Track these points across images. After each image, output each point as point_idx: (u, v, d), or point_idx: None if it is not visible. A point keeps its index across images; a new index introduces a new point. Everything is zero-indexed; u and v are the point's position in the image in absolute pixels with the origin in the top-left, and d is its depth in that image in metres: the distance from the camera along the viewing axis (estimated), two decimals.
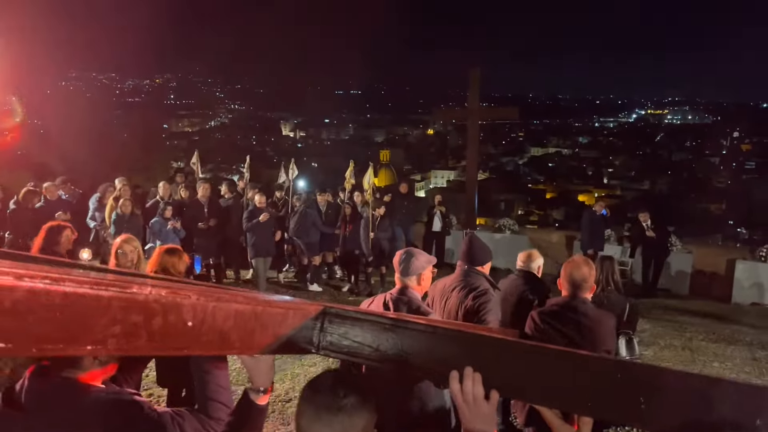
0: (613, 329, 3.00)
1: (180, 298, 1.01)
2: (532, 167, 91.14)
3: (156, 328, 0.97)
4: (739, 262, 9.02)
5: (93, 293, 0.87)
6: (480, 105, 10.51)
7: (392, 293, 2.89)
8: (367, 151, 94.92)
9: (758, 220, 59.90)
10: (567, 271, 2.94)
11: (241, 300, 1.13)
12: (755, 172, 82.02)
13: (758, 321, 8.01)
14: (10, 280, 0.79)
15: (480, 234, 11.10)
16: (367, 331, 1.26)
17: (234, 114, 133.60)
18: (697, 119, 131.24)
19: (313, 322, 1.25)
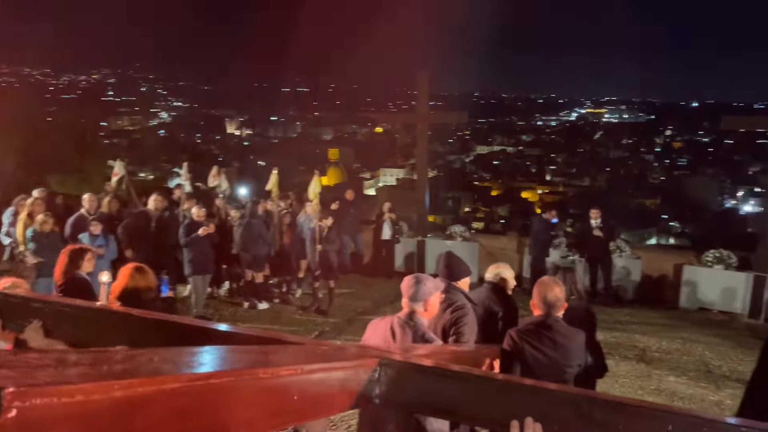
0: (583, 344, 3.22)
1: (287, 372, 1.05)
2: (478, 165, 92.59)
3: (273, 409, 1.01)
4: (686, 267, 9.09)
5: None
6: (429, 109, 10.22)
7: (400, 317, 2.95)
8: (315, 149, 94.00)
9: (690, 214, 63.04)
10: (540, 292, 3.14)
11: (319, 361, 1.18)
12: (687, 168, 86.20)
13: (706, 328, 8.07)
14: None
15: (431, 241, 10.89)
16: (424, 381, 1.27)
17: (177, 111, 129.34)
18: (632, 118, 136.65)
19: (373, 374, 1.25)
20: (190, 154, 57.98)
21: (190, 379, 0.84)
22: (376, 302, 9.06)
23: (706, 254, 8.96)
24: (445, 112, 12.31)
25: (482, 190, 76.75)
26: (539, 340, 3.03)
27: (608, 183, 78.14)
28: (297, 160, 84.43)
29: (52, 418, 0.67)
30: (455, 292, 3.54)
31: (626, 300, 9.44)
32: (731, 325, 8.22)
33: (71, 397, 0.68)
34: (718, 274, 8.79)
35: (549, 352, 3.01)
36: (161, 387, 0.79)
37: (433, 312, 3.05)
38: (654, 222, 59.24)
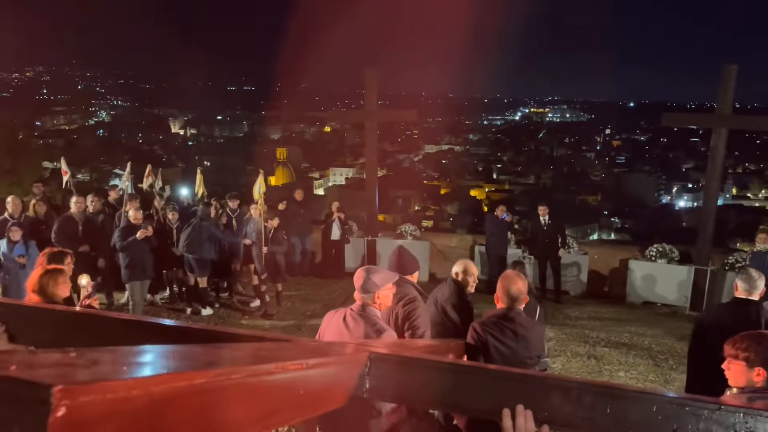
0: (542, 336, 3.37)
1: (294, 367, 1.06)
2: (426, 164, 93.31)
3: (284, 404, 1.03)
4: (631, 261, 9.28)
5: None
6: (377, 107, 10.03)
7: (352, 309, 2.98)
8: (263, 148, 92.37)
9: (630, 210, 65.64)
10: (504, 285, 3.21)
11: (318, 355, 1.21)
12: (625, 166, 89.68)
13: (652, 322, 8.23)
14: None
15: (381, 241, 10.72)
16: (413, 374, 1.29)
17: (117, 110, 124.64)
18: (573, 117, 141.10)
19: (364, 368, 1.27)
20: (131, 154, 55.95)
21: (215, 375, 0.85)
22: (326, 304, 8.80)
23: (650, 249, 9.16)
24: (394, 111, 12.11)
25: (431, 188, 77.38)
26: (502, 332, 3.10)
27: (552, 180, 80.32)
28: (244, 159, 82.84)
29: (97, 415, 0.67)
30: (407, 285, 3.60)
31: (575, 296, 9.56)
32: (675, 318, 8.43)
33: (115, 394, 0.69)
34: (662, 268, 9.01)
35: (511, 344, 3.07)
36: (192, 382, 0.80)
37: (386, 303, 3.07)
38: (596, 218, 61.34)
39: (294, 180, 70.98)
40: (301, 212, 10.51)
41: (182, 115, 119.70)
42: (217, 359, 1.00)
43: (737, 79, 7.99)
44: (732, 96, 8.00)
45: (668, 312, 8.77)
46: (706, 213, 8.69)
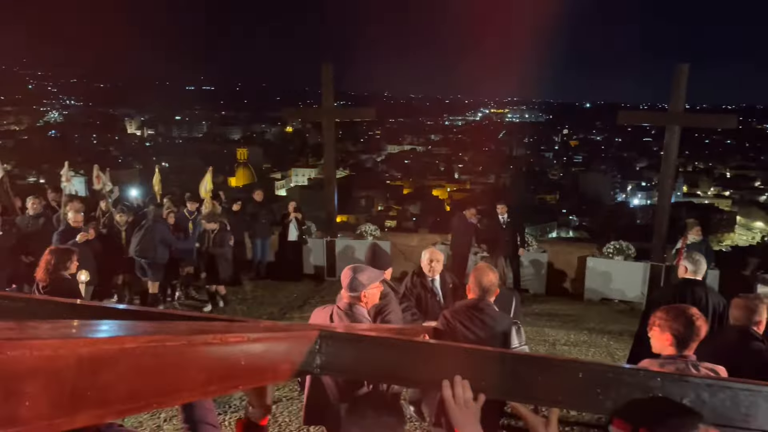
0: (510, 329, 3.42)
1: (235, 339, 1.11)
2: (389, 164, 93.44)
3: (224, 372, 1.09)
4: (588, 259, 9.35)
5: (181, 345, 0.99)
6: (334, 104, 9.81)
7: (339, 307, 3.04)
8: (223, 149, 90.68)
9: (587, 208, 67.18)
10: (476, 277, 3.34)
11: (263, 331, 1.24)
12: (582, 165, 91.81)
13: (608, 318, 8.30)
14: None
15: (340, 241, 10.51)
16: (360, 350, 1.36)
17: (70, 110, 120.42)
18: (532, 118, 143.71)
19: (314, 345, 1.33)
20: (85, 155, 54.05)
21: (148, 341, 0.91)
22: (283, 308, 8.55)
23: (607, 246, 9.25)
24: (352, 108, 11.91)
25: (394, 188, 77.49)
26: (470, 320, 3.21)
27: (512, 180, 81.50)
28: (203, 160, 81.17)
29: (24, 370, 0.73)
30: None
31: (534, 294, 9.57)
32: (632, 315, 8.48)
33: (41, 351, 0.74)
34: (618, 265, 9.11)
35: (479, 333, 3.18)
36: (122, 346, 0.86)
37: (372, 302, 3.12)
38: (554, 216, 62.51)
39: (255, 181, 69.93)
40: (261, 213, 10.21)
41: (139, 116, 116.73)
42: (156, 329, 1.03)
43: (689, 78, 8.13)
44: (684, 94, 8.13)
45: (625, 308, 8.86)
46: (661, 209, 8.82)
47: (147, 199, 9.61)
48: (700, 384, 1.18)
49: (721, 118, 8.94)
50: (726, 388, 1.17)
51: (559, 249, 10.27)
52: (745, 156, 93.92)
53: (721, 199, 75.27)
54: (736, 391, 1.16)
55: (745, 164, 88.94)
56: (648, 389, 1.19)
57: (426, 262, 4.61)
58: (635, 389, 1.19)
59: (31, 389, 0.74)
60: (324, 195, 10.66)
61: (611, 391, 1.20)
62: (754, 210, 66.36)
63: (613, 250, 9.14)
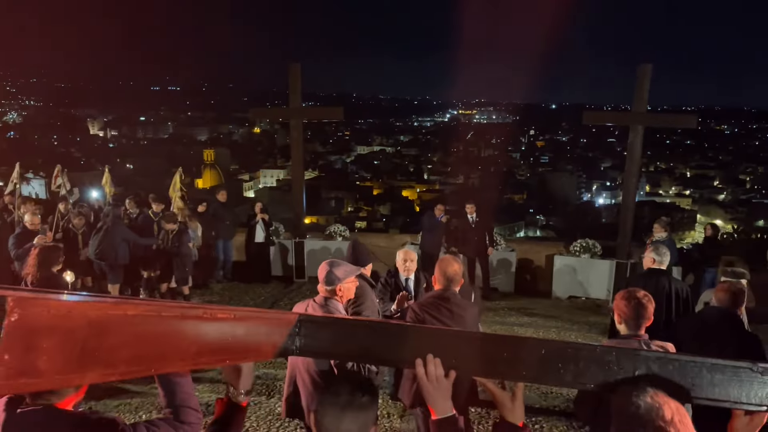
0: (477, 316, 3.54)
1: (223, 315, 1.21)
2: (359, 165, 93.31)
3: (214, 346, 1.18)
4: (556, 257, 9.44)
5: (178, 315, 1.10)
6: (302, 104, 9.68)
7: (315, 301, 3.11)
8: (189, 150, 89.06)
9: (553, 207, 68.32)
10: (441, 267, 3.40)
11: (244, 313, 1.31)
12: (548, 165, 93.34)
13: (576, 315, 8.39)
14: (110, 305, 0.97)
15: (310, 242, 10.39)
16: (336, 332, 1.44)
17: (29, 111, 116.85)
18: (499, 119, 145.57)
19: (294, 328, 1.41)
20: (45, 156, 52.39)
21: (147, 310, 1.02)
22: None
23: (574, 244, 9.36)
24: (319, 108, 11.76)
25: (364, 189, 77.38)
26: (438, 310, 3.26)
27: (480, 180, 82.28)
28: (169, 161, 79.55)
29: (43, 326, 0.83)
30: (358, 277, 3.78)
31: (503, 292, 9.61)
32: (598, 312, 8.62)
33: (57, 310, 0.86)
34: (585, 263, 9.22)
35: (448, 322, 3.20)
36: (126, 312, 0.97)
37: (347, 296, 3.19)
38: (522, 216, 63.35)
39: (222, 182, 68.89)
40: (224, 214, 9.99)
41: (102, 116, 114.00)
42: (152, 303, 1.14)
43: (652, 78, 8.28)
44: (647, 94, 8.28)
45: (592, 306, 8.98)
46: (626, 208, 8.97)
47: (104, 201, 9.29)
48: (651, 357, 1.31)
49: (682, 118, 9.15)
50: (674, 360, 1.29)
51: (527, 248, 10.36)
52: (704, 156, 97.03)
53: (682, 198, 77.53)
54: (683, 363, 1.28)
55: (704, 164, 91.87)
56: (604, 363, 1.31)
57: (401, 262, 4.70)
58: (593, 363, 1.31)
59: (48, 344, 0.83)
60: (292, 196, 10.51)
61: (570, 365, 1.31)
62: (713, 208, 68.54)
63: (580, 248, 9.25)
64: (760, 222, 56.25)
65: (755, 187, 78.35)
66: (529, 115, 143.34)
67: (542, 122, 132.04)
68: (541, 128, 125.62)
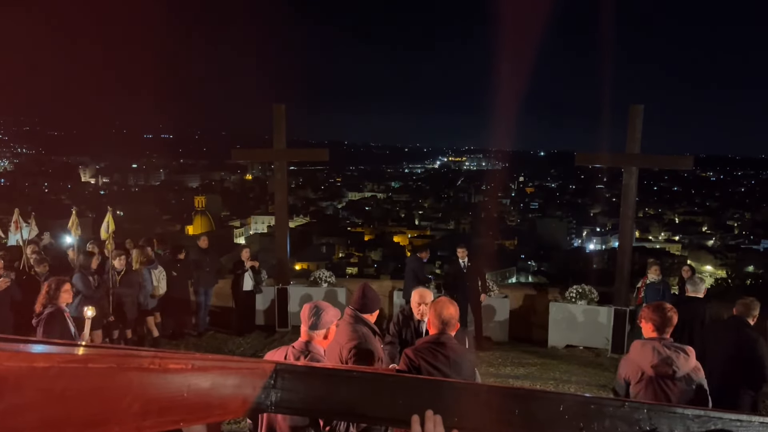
0: (473, 363, 3.44)
1: (176, 366, 0.97)
2: (350, 211, 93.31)
3: (164, 404, 0.95)
4: (552, 304, 9.01)
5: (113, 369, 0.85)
6: (286, 146, 9.41)
7: (294, 346, 2.92)
8: (180, 197, 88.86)
9: (544, 253, 68.10)
10: (435, 311, 3.24)
11: (205, 362, 1.10)
12: (538, 211, 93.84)
13: (575, 366, 7.90)
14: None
15: (294, 289, 9.91)
16: (319, 384, 1.27)
17: (21, 158, 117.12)
18: (489, 166, 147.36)
19: (269, 380, 1.24)
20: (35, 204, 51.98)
21: (65, 360, 0.76)
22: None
23: (570, 290, 8.95)
24: (303, 150, 11.51)
25: (355, 235, 77.06)
26: (434, 356, 3.09)
27: (471, 226, 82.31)
28: (160, 208, 79.14)
29: None
30: (361, 324, 3.65)
31: (497, 341, 9.13)
32: (597, 362, 8.15)
33: None
34: (582, 310, 8.79)
35: (444, 369, 3.06)
36: (31, 364, 0.72)
37: (331, 338, 3.05)
38: (513, 261, 62.99)
39: (213, 229, 68.34)
40: (205, 261, 9.54)
41: (94, 164, 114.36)
42: (79, 350, 0.89)
43: (644, 119, 8.11)
44: (640, 135, 8.08)
45: (591, 355, 8.50)
46: (622, 252, 8.62)
47: (70, 248, 8.80)
48: (688, 415, 1.13)
49: (679, 160, 8.93)
50: (716, 419, 1.12)
51: (521, 294, 9.93)
52: (692, 202, 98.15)
53: (671, 244, 77.69)
54: (726, 422, 1.11)
55: (692, 210, 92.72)
56: (634, 422, 1.13)
57: (415, 304, 4.52)
58: (620, 421, 1.13)
59: None
60: (275, 240, 10.11)
61: (594, 424, 1.14)
62: (702, 254, 68.61)
63: (576, 295, 8.84)
64: (749, 268, 56.24)
65: (743, 233, 78.84)
66: (517, 162, 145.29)
67: (531, 169, 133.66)
68: (530, 175, 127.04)
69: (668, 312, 3.48)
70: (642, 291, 7.68)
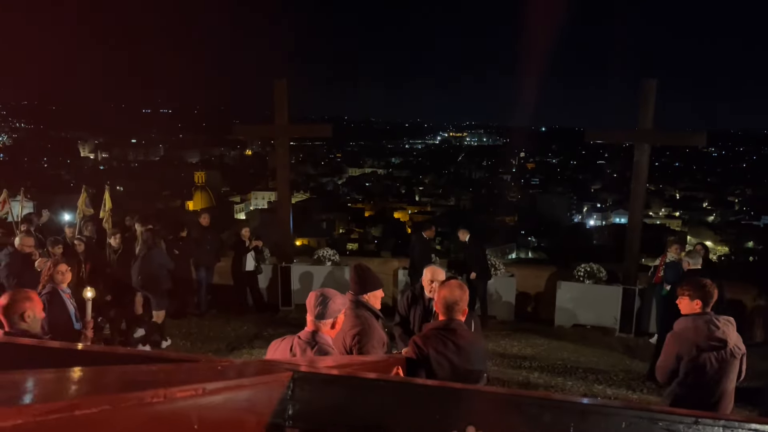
0: (485, 350, 3.27)
1: (184, 393, 0.84)
2: (350, 187, 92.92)
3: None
4: (560, 283, 8.87)
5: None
6: (289, 121, 9.17)
7: (300, 337, 2.79)
8: (180, 172, 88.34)
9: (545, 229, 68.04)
10: (441, 294, 3.08)
11: (222, 378, 0.98)
12: (539, 187, 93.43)
13: (583, 346, 7.80)
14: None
15: (297, 267, 9.78)
16: (343, 394, 1.13)
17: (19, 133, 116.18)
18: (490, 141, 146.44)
19: (286, 391, 1.09)
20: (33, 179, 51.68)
21: (43, 412, 0.61)
22: (231, 342, 7.74)
23: (578, 269, 8.81)
24: (306, 125, 11.26)
25: (355, 211, 76.87)
26: (444, 344, 2.94)
27: (472, 202, 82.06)
28: (160, 184, 78.79)
29: None
30: (361, 308, 3.49)
31: (502, 321, 9.04)
32: (605, 341, 8.06)
33: None
34: (590, 289, 8.66)
35: (453, 357, 2.93)
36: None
37: (339, 327, 2.93)
38: (513, 237, 62.95)
39: (213, 204, 68.17)
40: (206, 239, 9.37)
41: (93, 139, 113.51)
42: (67, 388, 0.75)
43: (657, 94, 7.86)
44: (652, 111, 7.85)
45: (599, 335, 8.40)
46: (632, 230, 8.44)
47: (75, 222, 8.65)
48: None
49: (691, 136, 8.71)
50: None
51: (527, 272, 9.79)
52: (693, 178, 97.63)
53: (672, 220, 77.59)
54: None
55: (693, 186, 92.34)
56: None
57: (427, 282, 4.45)
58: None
59: None
60: (278, 217, 9.94)
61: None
62: (703, 230, 68.55)
63: (584, 274, 8.70)
64: (749, 243, 56.24)
65: (744, 209, 78.65)
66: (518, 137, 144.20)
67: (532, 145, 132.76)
68: (531, 151, 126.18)
69: (709, 287, 3.66)
70: (661, 269, 7.55)
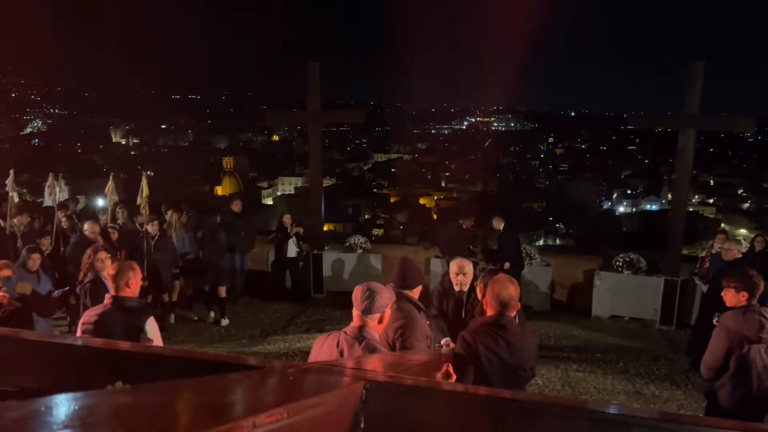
0: (536, 347, 3.19)
1: (268, 420, 0.72)
2: (376, 172, 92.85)
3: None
4: (597, 273, 8.65)
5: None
6: (321, 107, 9.07)
7: (347, 332, 2.75)
8: (209, 158, 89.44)
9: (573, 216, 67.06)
10: (494, 290, 3.01)
11: (299, 404, 0.86)
12: (568, 173, 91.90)
13: (621, 339, 7.61)
14: None
15: (329, 254, 9.74)
16: (415, 406, 1.04)
17: (54, 119, 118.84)
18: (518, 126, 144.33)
19: (359, 404, 1.00)
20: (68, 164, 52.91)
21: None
22: (265, 329, 7.76)
23: (616, 259, 8.57)
24: (339, 110, 11.14)
25: (381, 197, 76.86)
26: (494, 341, 2.89)
27: (499, 188, 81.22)
28: (189, 169, 79.96)
29: None
30: (404, 301, 3.42)
31: (538, 310, 8.87)
32: (645, 334, 7.85)
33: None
34: (629, 280, 8.42)
35: (503, 355, 2.88)
36: None
37: (386, 322, 2.86)
38: (541, 223, 62.21)
39: (241, 189, 68.89)
40: (239, 225, 9.37)
41: (124, 124, 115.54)
42: (130, 412, 0.62)
43: (704, 77, 7.53)
44: (699, 95, 7.52)
45: (638, 327, 8.19)
46: (676, 220, 8.14)
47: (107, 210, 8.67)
48: None
49: (740, 122, 8.35)
50: None
51: (563, 262, 9.56)
52: (728, 164, 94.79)
53: (705, 207, 75.63)
54: None
55: (727, 172, 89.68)
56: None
57: (453, 275, 4.37)
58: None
59: None
60: (310, 203, 9.89)
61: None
62: (737, 217, 66.68)
63: (623, 264, 8.46)
64: None
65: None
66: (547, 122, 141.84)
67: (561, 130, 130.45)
68: (559, 136, 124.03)
69: (756, 278, 3.68)
70: (707, 261, 7.30)
